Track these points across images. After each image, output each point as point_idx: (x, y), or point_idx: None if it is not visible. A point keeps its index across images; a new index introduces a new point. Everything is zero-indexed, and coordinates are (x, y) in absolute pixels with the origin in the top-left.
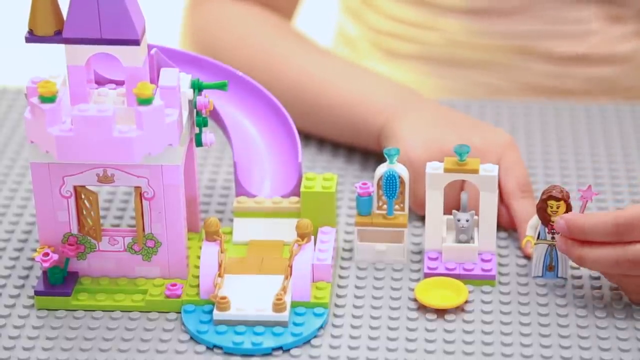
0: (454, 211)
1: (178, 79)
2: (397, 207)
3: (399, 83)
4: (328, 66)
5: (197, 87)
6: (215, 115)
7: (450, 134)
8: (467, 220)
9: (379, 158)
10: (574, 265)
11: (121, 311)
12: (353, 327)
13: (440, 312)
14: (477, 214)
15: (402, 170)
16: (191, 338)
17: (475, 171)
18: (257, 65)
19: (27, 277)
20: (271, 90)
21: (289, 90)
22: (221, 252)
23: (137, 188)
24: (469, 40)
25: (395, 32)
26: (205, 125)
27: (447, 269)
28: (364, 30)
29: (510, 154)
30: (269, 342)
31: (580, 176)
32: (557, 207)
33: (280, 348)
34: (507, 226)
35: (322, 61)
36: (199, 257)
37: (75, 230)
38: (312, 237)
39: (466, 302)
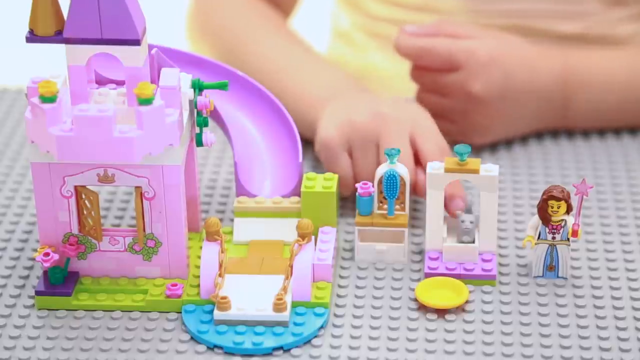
0: (457, 212)
1: (179, 79)
2: (397, 207)
3: (345, 74)
4: (285, 55)
5: (198, 87)
6: (215, 115)
7: (359, 104)
8: (471, 222)
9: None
10: (575, 265)
11: (122, 311)
12: (353, 327)
13: (441, 312)
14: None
15: (402, 170)
16: (192, 338)
17: (476, 171)
18: (228, 51)
19: (27, 277)
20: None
21: (252, 76)
22: (222, 252)
23: (138, 188)
24: (469, 21)
25: (394, 17)
26: (206, 125)
27: (447, 269)
28: (361, 18)
29: (424, 122)
30: (269, 342)
31: (580, 176)
32: (558, 207)
33: (280, 348)
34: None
35: (282, 50)
36: (199, 257)
37: (75, 230)
38: (313, 237)
39: (467, 302)
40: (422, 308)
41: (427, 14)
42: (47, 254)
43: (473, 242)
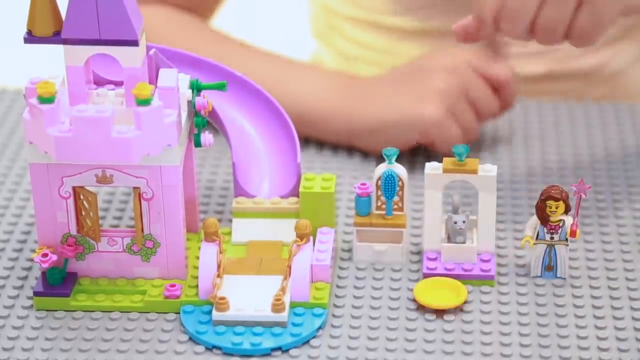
0: (449, 214)
1: (177, 80)
2: (395, 207)
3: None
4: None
5: (196, 88)
6: (214, 115)
7: (407, 73)
8: (463, 222)
9: (378, 158)
10: (573, 265)
11: (120, 312)
12: (352, 327)
13: (440, 313)
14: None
15: (400, 171)
16: (190, 339)
17: (474, 172)
18: None
19: (26, 277)
20: None
21: None
22: (220, 252)
23: (136, 188)
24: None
25: (361, 56)
26: (204, 125)
27: (446, 269)
28: (334, 54)
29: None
30: (268, 342)
31: (579, 176)
32: (556, 207)
33: (279, 348)
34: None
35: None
36: (198, 258)
37: (74, 231)
38: (311, 238)
39: (465, 302)
40: (421, 308)
41: (388, 55)
42: (45, 255)
43: (465, 242)
